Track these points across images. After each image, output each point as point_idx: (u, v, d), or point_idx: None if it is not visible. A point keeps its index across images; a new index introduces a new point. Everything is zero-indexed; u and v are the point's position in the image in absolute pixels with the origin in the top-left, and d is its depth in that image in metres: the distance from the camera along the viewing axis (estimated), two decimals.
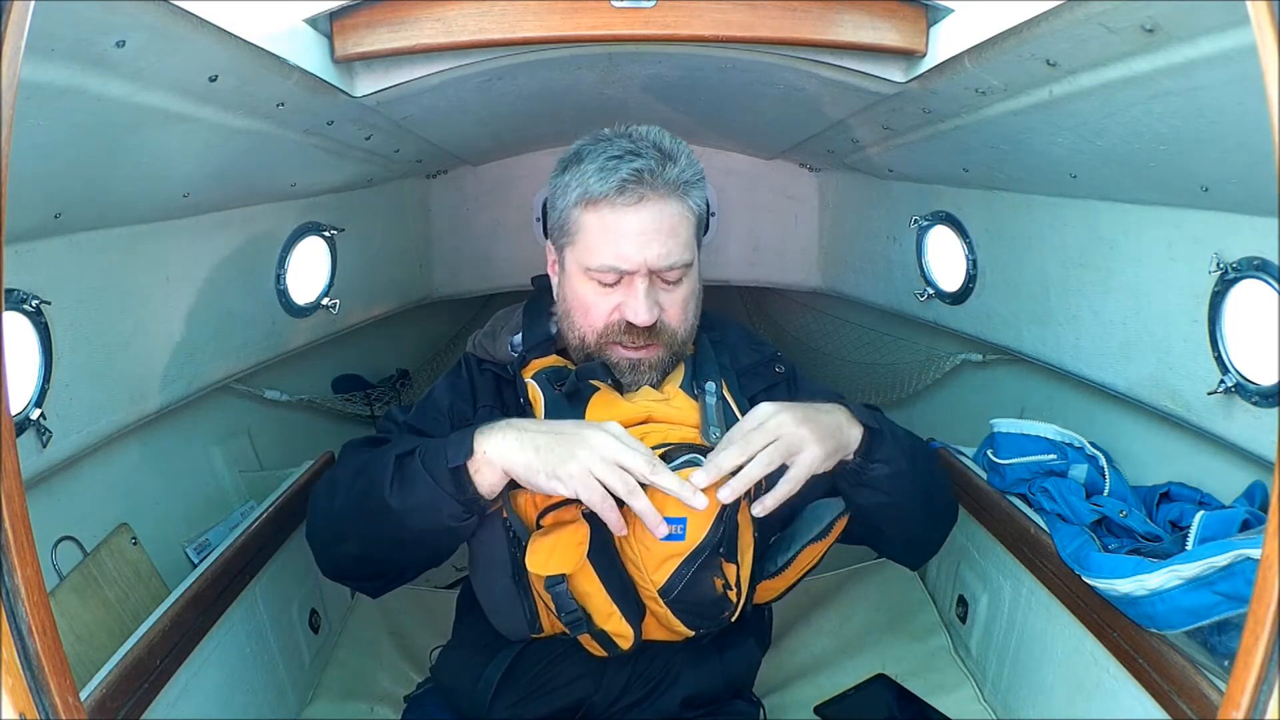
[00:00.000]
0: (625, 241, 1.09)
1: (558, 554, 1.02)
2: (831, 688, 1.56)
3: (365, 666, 1.70)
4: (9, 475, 0.57)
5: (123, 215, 1.26)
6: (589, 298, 1.14)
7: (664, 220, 1.10)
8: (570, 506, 1.05)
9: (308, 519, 1.17)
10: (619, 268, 1.10)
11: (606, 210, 1.10)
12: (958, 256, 1.83)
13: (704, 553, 1.04)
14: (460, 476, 0.99)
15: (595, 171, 1.10)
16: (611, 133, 1.15)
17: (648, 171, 1.08)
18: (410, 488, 1.01)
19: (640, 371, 1.16)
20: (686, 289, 1.16)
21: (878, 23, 1.21)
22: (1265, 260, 1.09)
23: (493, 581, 1.12)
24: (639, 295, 1.11)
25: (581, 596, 1.06)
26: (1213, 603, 1.04)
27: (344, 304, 1.94)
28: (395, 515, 1.01)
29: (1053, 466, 1.45)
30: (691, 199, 1.13)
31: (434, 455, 1.01)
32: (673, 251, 1.11)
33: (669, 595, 1.06)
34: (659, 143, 1.12)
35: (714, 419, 1.12)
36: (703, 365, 1.22)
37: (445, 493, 0.99)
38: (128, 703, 1.05)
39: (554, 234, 1.19)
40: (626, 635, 1.09)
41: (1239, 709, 0.61)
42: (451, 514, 1.00)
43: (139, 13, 0.81)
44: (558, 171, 1.17)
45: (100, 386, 1.27)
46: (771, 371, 1.31)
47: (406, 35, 1.19)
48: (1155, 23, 0.83)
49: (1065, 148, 1.25)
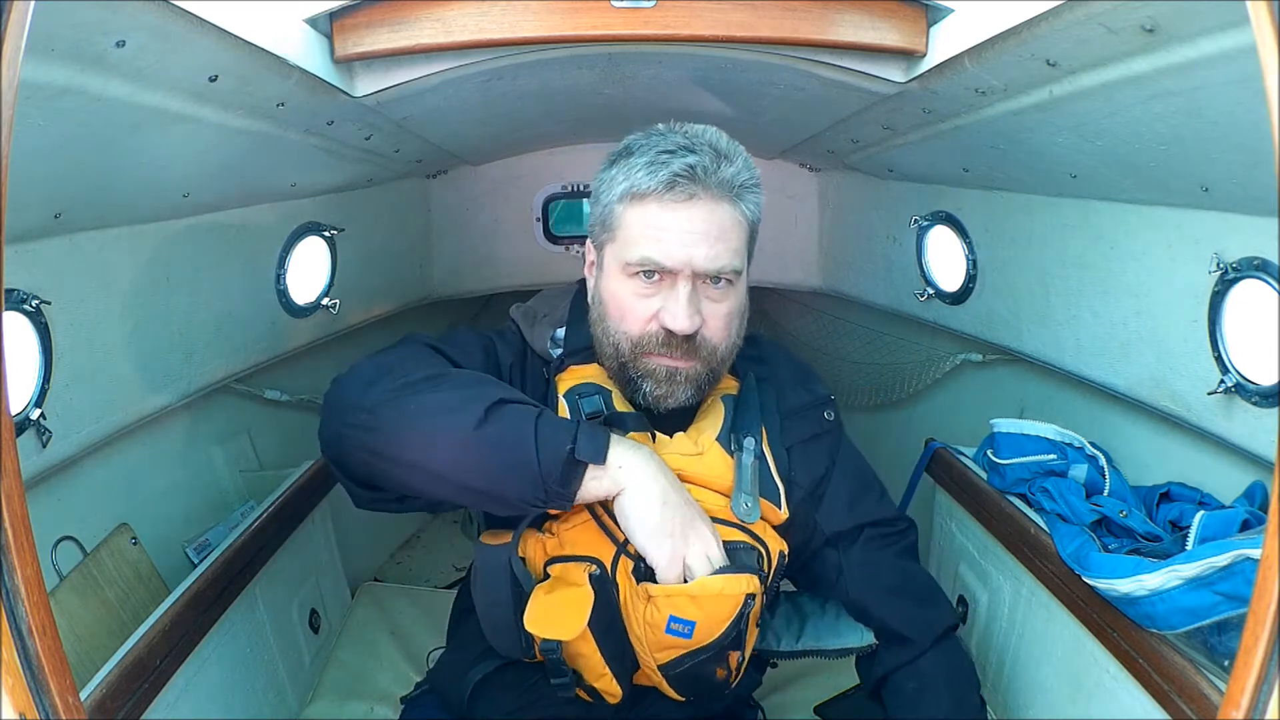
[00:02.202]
0: (670, 238, 1.01)
1: (558, 620, 0.97)
2: (831, 688, 1.56)
3: (365, 666, 1.70)
4: (9, 475, 0.57)
5: (123, 215, 1.26)
6: (626, 299, 1.05)
7: (714, 221, 1.01)
8: (578, 565, 1.02)
9: (338, 384, 1.02)
10: (661, 263, 1.01)
11: (654, 205, 1.01)
12: (958, 256, 1.83)
13: (712, 651, 0.99)
14: (573, 472, 0.91)
15: (644, 165, 1.01)
16: (665, 128, 1.07)
17: (700, 168, 1.00)
18: (506, 446, 0.91)
19: (676, 383, 1.06)
20: (732, 302, 1.06)
21: (878, 23, 1.21)
22: (1265, 260, 1.09)
23: (492, 608, 1.07)
24: (681, 299, 1.01)
25: (575, 656, 1.04)
26: (1213, 603, 1.04)
27: (344, 304, 1.94)
28: (468, 455, 0.91)
29: (1053, 466, 1.45)
30: (745, 204, 1.05)
31: (553, 431, 0.92)
32: (720, 255, 1.01)
33: (667, 675, 1.03)
34: (715, 142, 1.04)
35: (747, 485, 1.04)
36: (744, 413, 1.13)
37: (542, 475, 0.90)
38: (128, 703, 1.05)
39: (594, 231, 1.11)
40: (615, 694, 1.07)
41: (1239, 709, 0.61)
42: (527, 497, 0.92)
43: (139, 13, 0.81)
44: (605, 166, 1.09)
45: (100, 386, 1.27)
46: (819, 418, 1.21)
47: (406, 35, 1.19)
48: (1155, 23, 0.83)
49: (1065, 148, 1.25)
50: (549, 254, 2.48)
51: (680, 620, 0.96)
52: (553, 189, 2.44)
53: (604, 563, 1.02)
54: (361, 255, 2.02)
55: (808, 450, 1.18)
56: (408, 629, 1.83)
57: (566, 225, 2.57)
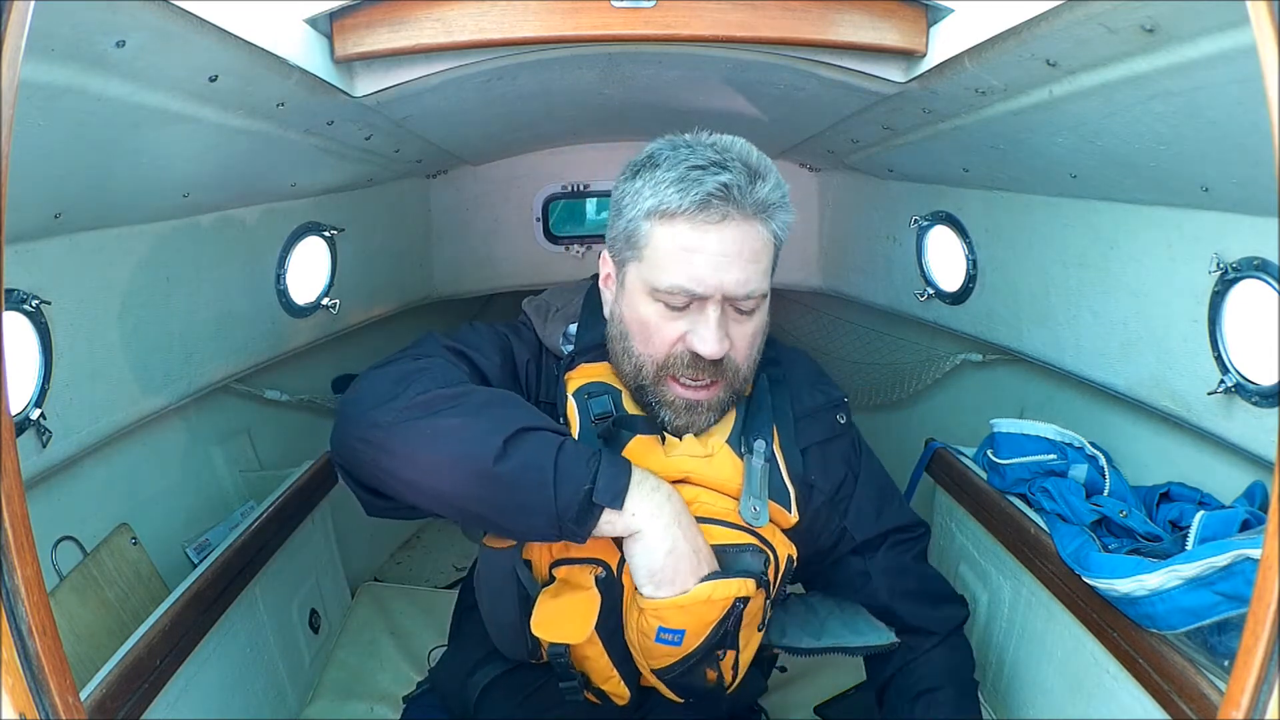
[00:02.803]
0: (702, 262, 0.96)
1: (565, 624, 0.98)
2: (831, 688, 1.56)
3: (365, 666, 1.70)
4: (9, 475, 0.57)
5: (123, 215, 1.26)
6: (653, 321, 1.01)
7: (746, 244, 0.97)
8: (585, 567, 1.02)
9: (353, 395, 1.00)
10: (693, 290, 0.97)
11: (685, 226, 0.96)
12: (958, 256, 1.83)
13: (699, 655, 1.00)
14: (589, 512, 0.90)
15: (675, 181, 0.96)
16: (692, 139, 1.02)
17: (735, 188, 0.95)
18: (525, 481, 0.89)
19: (697, 413, 1.04)
20: (758, 322, 1.04)
21: (878, 23, 1.21)
22: (1265, 260, 1.09)
23: (497, 610, 1.08)
24: (711, 324, 0.98)
25: (583, 659, 1.05)
26: (1213, 603, 1.04)
27: (344, 304, 1.94)
28: (486, 486, 0.90)
29: (1053, 466, 1.45)
30: (776, 223, 1.01)
31: (573, 467, 0.90)
32: (752, 279, 0.98)
33: (664, 679, 1.05)
34: (746, 158, 1.00)
35: (756, 488, 1.03)
36: (755, 415, 1.11)
37: (558, 514, 0.89)
38: (128, 703, 1.06)
39: (615, 245, 1.05)
40: (624, 695, 1.08)
41: (1239, 709, 0.61)
42: (540, 531, 0.91)
43: (139, 13, 0.81)
44: (627, 176, 1.04)
45: (100, 386, 1.27)
46: (833, 421, 1.19)
47: (406, 35, 1.19)
48: (1155, 23, 0.83)
49: (1065, 148, 1.25)
50: (549, 254, 2.48)
51: (669, 630, 0.97)
52: (553, 189, 2.44)
53: (610, 565, 1.01)
54: (361, 255, 2.02)
55: (824, 453, 1.17)
56: (408, 629, 1.83)
57: (566, 225, 2.57)
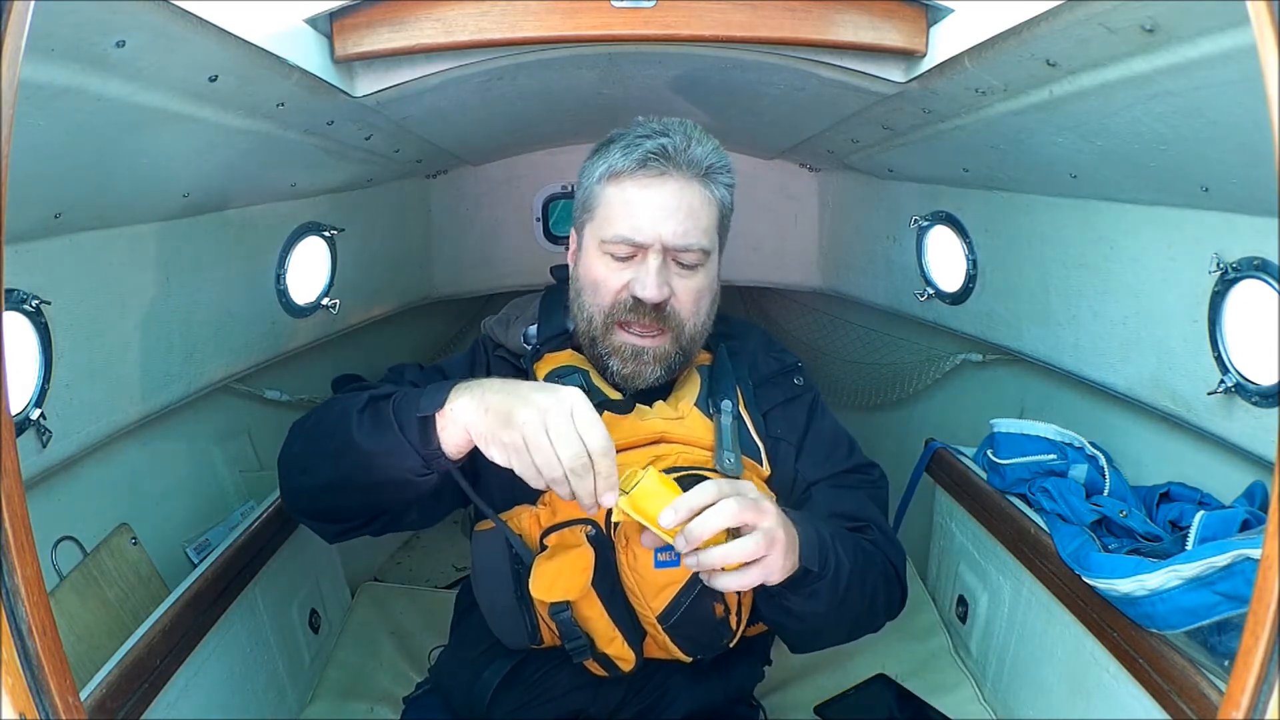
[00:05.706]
0: (642, 214, 1.08)
1: (562, 580, 1.01)
2: (831, 688, 1.56)
3: (365, 666, 1.70)
4: (9, 475, 0.57)
5: (123, 215, 1.26)
6: (600, 273, 1.12)
7: (684, 199, 1.09)
8: (575, 528, 1.04)
9: (283, 445, 1.12)
10: (633, 239, 1.08)
11: (628, 182, 1.10)
12: (958, 256, 1.83)
13: (700, 581, 0.99)
14: (428, 429, 0.93)
15: (621, 149, 1.11)
16: (644, 119, 1.15)
17: (672, 148, 1.08)
18: (378, 431, 0.95)
19: (643, 361, 1.12)
20: (702, 280, 1.13)
21: (878, 23, 1.21)
22: (1265, 260, 1.09)
23: (494, 594, 1.10)
24: (650, 270, 1.08)
25: (584, 621, 1.06)
26: (1213, 603, 1.04)
27: (344, 304, 1.94)
28: (358, 455, 0.96)
29: (1053, 466, 1.45)
30: (715, 186, 1.12)
31: (407, 403, 0.95)
32: (690, 232, 1.09)
33: (667, 622, 1.05)
34: (688, 129, 1.12)
35: (728, 442, 1.10)
36: (719, 380, 1.20)
37: (409, 443, 0.92)
38: (128, 703, 1.05)
39: (576, 214, 1.20)
40: (628, 659, 1.09)
41: (1239, 709, 0.61)
42: (411, 466, 0.94)
43: (139, 13, 0.81)
44: (588, 158, 1.19)
45: (100, 386, 1.27)
46: (790, 383, 1.27)
47: (406, 35, 1.19)
48: (1155, 23, 0.83)
49: (1065, 148, 1.25)
50: (549, 254, 2.48)
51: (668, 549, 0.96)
52: (553, 189, 2.44)
53: (598, 523, 1.05)
54: (361, 255, 2.02)
55: (785, 412, 1.24)
56: (408, 629, 1.83)
57: (567, 225, 2.56)
